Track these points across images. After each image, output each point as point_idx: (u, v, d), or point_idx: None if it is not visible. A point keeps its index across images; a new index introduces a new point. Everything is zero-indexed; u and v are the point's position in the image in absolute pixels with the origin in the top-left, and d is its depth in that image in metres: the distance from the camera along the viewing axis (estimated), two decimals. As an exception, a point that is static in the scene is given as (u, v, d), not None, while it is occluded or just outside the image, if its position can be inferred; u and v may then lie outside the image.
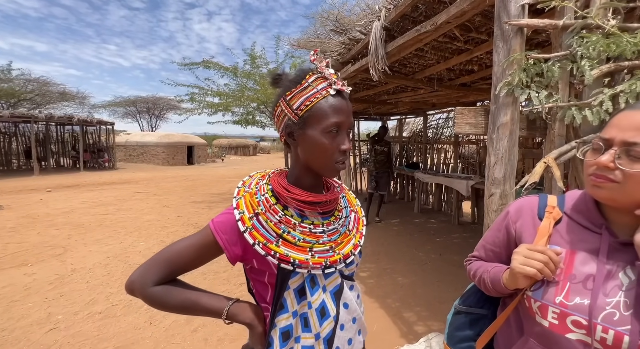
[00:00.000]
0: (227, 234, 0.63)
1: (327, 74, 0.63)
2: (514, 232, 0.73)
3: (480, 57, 2.78)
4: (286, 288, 0.63)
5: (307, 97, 0.62)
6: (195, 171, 14.17)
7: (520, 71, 1.13)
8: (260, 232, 0.62)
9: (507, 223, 0.75)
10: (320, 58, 0.64)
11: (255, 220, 0.62)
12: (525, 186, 1.14)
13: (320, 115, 0.61)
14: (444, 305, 2.58)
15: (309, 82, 0.63)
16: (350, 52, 2.84)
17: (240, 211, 0.63)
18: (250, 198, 0.65)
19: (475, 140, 5.74)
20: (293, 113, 0.63)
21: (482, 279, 0.76)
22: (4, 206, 6.11)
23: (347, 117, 0.64)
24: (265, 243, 0.61)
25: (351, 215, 0.78)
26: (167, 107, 25.37)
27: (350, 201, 0.81)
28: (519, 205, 0.76)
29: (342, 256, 0.67)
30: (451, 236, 4.56)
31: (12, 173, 12.06)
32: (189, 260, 0.64)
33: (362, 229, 0.78)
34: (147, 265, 0.63)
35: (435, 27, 1.72)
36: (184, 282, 0.67)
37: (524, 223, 0.71)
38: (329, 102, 0.62)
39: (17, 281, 2.96)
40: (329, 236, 0.67)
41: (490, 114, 1.26)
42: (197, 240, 0.64)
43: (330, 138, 0.62)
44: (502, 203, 1.25)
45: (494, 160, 1.25)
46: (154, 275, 0.62)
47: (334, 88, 0.62)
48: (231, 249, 0.63)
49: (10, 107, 14.54)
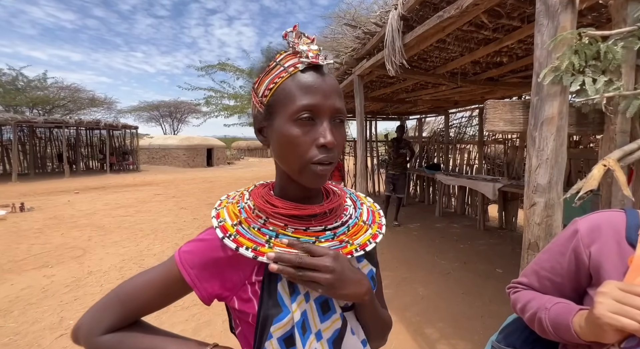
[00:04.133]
0: (197, 268, 0.48)
1: (303, 49, 0.46)
2: (586, 260, 0.56)
3: (511, 46, 2.52)
4: (268, 336, 0.47)
5: (271, 79, 0.47)
6: (213, 173, 14.43)
7: (571, 53, 0.92)
8: (247, 237, 0.48)
9: (576, 247, 0.57)
10: (299, 33, 0.48)
11: (240, 227, 0.49)
12: (580, 194, 0.92)
13: (286, 98, 0.46)
14: (470, 322, 2.33)
15: (277, 61, 0.48)
16: (365, 47, 2.66)
17: (221, 220, 0.50)
18: (233, 208, 0.53)
19: (502, 139, 5.36)
20: (259, 102, 0.49)
21: (537, 318, 0.59)
22: (35, 208, 6.42)
23: (325, 97, 0.46)
24: (255, 247, 0.47)
25: (363, 208, 0.62)
26: (188, 110, 26.16)
27: (359, 196, 0.66)
28: (594, 222, 0.57)
29: (357, 246, 0.52)
30: (476, 242, 4.24)
31: (46, 175, 12.79)
32: (147, 301, 0.50)
33: (379, 219, 0.61)
34: (98, 307, 0.50)
35: (460, 11, 1.52)
36: (145, 324, 0.53)
37: (604, 249, 0.54)
38: (296, 80, 0.46)
39: (36, 283, 3.01)
40: (334, 231, 0.52)
41: (531, 107, 1.05)
42: (158, 275, 0.50)
43: (301, 128, 0.45)
44: (547, 215, 1.03)
45: (536, 162, 1.04)
46: (104, 321, 0.48)
47: (302, 61, 0.46)
48: (203, 286, 0.48)
49: (45, 114, 15.48)
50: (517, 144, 4.99)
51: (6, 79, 14.38)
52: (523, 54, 2.73)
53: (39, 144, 14.01)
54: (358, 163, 3.36)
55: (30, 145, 13.14)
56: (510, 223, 4.84)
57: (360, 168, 3.28)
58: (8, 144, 12.45)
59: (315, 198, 0.56)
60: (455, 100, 5.37)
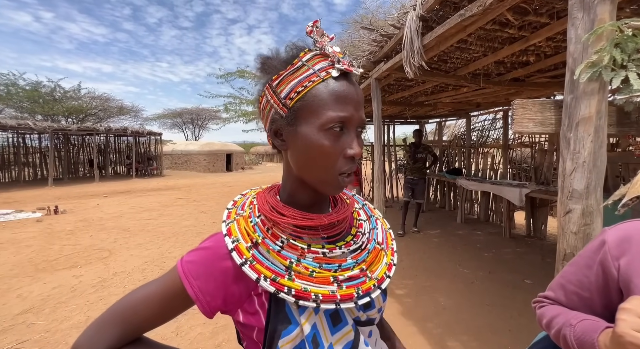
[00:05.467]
0: (200, 279, 0.45)
1: (329, 51, 0.45)
2: (615, 273, 0.51)
3: (538, 45, 2.39)
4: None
5: (299, 81, 0.44)
6: (232, 178, 14.74)
7: (612, 47, 0.84)
8: (265, 265, 0.45)
9: (604, 259, 0.53)
10: (321, 31, 0.45)
11: (256, 251, 0.46)
12: (623, 201, 0.83)
13: (318, 105, 0.44)
14: (497, 336, 2.19)
15: (303, 61, 0.45)
16: (382, 50, 2.62)
17: (234, 239, 0.47)
18: (245, 223, 0.49)
19: (529, 142, 5.10)
20: (281, 103, 0.46)
21: (562, 335, 0.54)
22: (68, 211, 6.80)
23: (355, 109, 0.45)
24: (274, 278, 0.44)
25: (378, 224, 0.60)
26: (209, 117, 26.99)
27: (372, 210, 0.64)
28: (624, 233, 0.53)
29: (375, 281, 0.50)
30: (502, 251, 4.02)
31: (79, 180, 13.60)
32: (149, 316, 0.46)
33: (392, 244, 0.59)
34: (97, 324, 0.46)
35: (483, 8, 1.46)
36: (148, 341, 0.50)
37: (634, 262, 0.50)
38: (329, 87, 0.44)
39: (66, 283, 3.16)
40: (355, 258, 0.49)
41: (564, 107, 0.98)
42: (159, 289, 0.47)
43: (332, 138, 0.44)
44: (585, 224, 0.94)
45: (571, 166, 0.96)
46: (104, 339, 0.45)
47: (337, 68, 0.44)
48: (205, 299, 0.45)
49: (78, 122, 16.52)
50: (545, 147, 4.73)
51: (45, 91, 15.52)
52: (552, 52, 2.58)
53: (73, 151, 14.93)
54: (375, 168, 3.30)
55: (65, 151, 14.04)
56: (539, 231, 4.57)
57: (378, 173, 3.22)
58: (46, 151, 13.35)
59: (323, 204, 0.54)
60: (478, 103, 5.18)
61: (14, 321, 2.44)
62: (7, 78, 14.49)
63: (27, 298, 2.83)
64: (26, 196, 8.78)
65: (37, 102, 15.04)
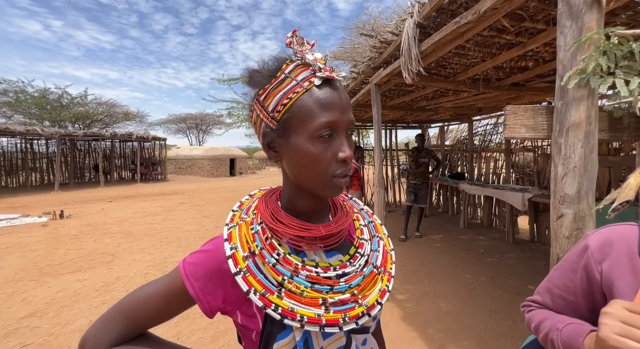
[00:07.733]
0: (201, 280, 0.47)
1: (310, 59, 0.46)
2: (598, 276, 0.53)
3: (536, 50, 2.41)
4: None
5: (284, 94, 0.46)
6: (235, 182, 14.83)
7: (599, 54, 0.86)
8: (258, 278, 0.46)
9: (587, 263, 0.54)
10: (301, 39, 0.47)
11: (251, 261, 0.47)
12: (614, 205, 0.84)
13: (304, 115, 0.45)
14: (498, 342, 2.17)
15: (286, 73, 0.47)
16: (382, 56, 2.66)
17: (233, 246, 0.48)
18: (246, 230, 0.50)
19: (531, 147, 5.08)
20: (269, 117, 0.47)
21: (549, 339, 0.55)
22: (73, 215, 6.89)
23: (342, 113, 0.46)
24: (264, 293, 0.45)
25: (380, 245, 0.58)
26: (213, 122, 27.25)
27: (377, 229, 0.62)
28: (605, 237, 0.54)
29: (365, 308, 0.49)
30: (505, 256, 3.99)
31: (84, 184, 13.76)
32: (152, 313, 0.49)
33: (391, 268, 0.58)
34: (103, 319, 0.49)
35: (478, 16, 1.48)
36: (152, 337, 0.53)
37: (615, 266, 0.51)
38: (313, 97, 0.45)
39: (69, 287, 3.20)
40: (348, 281, 0.49)
41: (555, 113, 0.99)
42: (162, 288, 0.49)
43: (322, 145, 0.46)
44: (576, 228, 0.95)
45: (562, 171, 0.97)
46: (110, 333, 0.48)
47: (319, 76, 0.45)
48: (206, 299, 0.47)
49: (85, 127, 16.79)
50: (547, 151, 4.71)
51: (53, 97, 15.85)
52: (550, 57, 2.59)
53: (79, 156, 15.15)
54: (376, 172, 3.32)
55: (72, 156, 14.26)
56: (542, 236, 4.52)
57: (378, 178, 3.23)
58: (52, 156, 13.57)
59: (323, 211, 0.56)
60: (479, 107, 5.19)
61: (18, 325, 2.48)
62: (16, 86, 14.86)
63: (31, 302, 2.86)
64: (33, 201, 8.91)
65: (45, 108, 15.36)
